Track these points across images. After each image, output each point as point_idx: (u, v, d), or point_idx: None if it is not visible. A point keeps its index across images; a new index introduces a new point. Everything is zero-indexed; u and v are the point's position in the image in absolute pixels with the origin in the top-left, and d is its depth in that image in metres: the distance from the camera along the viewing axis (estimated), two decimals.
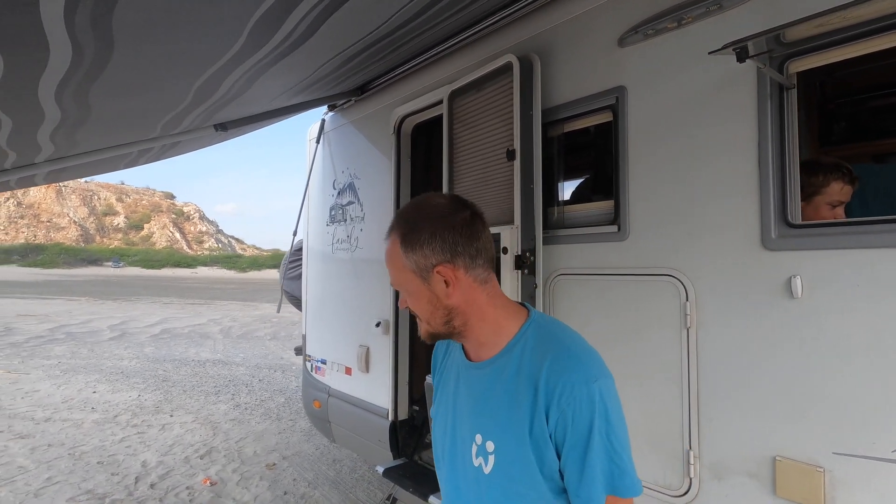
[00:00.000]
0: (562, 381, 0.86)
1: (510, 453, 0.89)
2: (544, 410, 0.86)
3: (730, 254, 1.56)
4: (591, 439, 0.84)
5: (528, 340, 0.93)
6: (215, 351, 9.87)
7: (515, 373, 0.91)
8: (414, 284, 0.94)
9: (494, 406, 0.92)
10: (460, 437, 0.98)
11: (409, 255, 0.92)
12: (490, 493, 0.92)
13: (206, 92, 1.78)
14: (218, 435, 4.97)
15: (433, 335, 0.98)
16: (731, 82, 1.58)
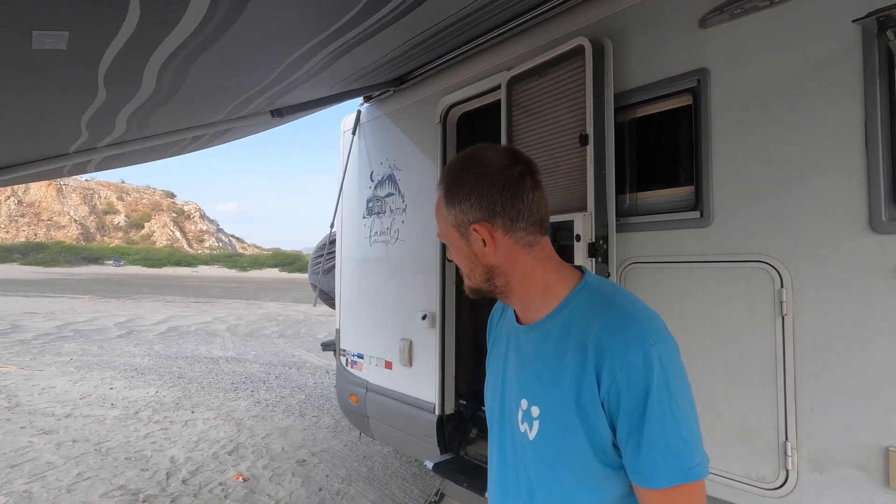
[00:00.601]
0: (614, 344, 0.78)
1: (556, 420, 0.83)
2: (595, 375, 0.79)
3: (832, 238, 1.51)
4: (647, 408, 0.75)
5: (579, 303, 0.86)
6: (226, 348, 9.81)
7: (563, 335, 0.85)
8: (454, 238, 0.92)
9: (540, 370, 0.88)
10: (508, 401, 0.95)
11: (449, 210, 0.90)
12: (535, 460, 0.87)
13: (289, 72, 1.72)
14: (242, 431, 4.92)
15: (475, 290, 0.94)
16: (832, 62, 1.52)
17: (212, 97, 1.88)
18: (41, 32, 0.95)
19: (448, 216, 0.91)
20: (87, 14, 0.95)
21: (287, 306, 18.95)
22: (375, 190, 3.51)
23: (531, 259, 0.89)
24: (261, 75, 1.73)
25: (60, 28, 0.95)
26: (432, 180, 3.03)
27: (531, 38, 2.42)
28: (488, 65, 2.67)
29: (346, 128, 3.84)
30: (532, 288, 0.90)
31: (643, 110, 2.04)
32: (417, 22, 1.74)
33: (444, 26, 2.10)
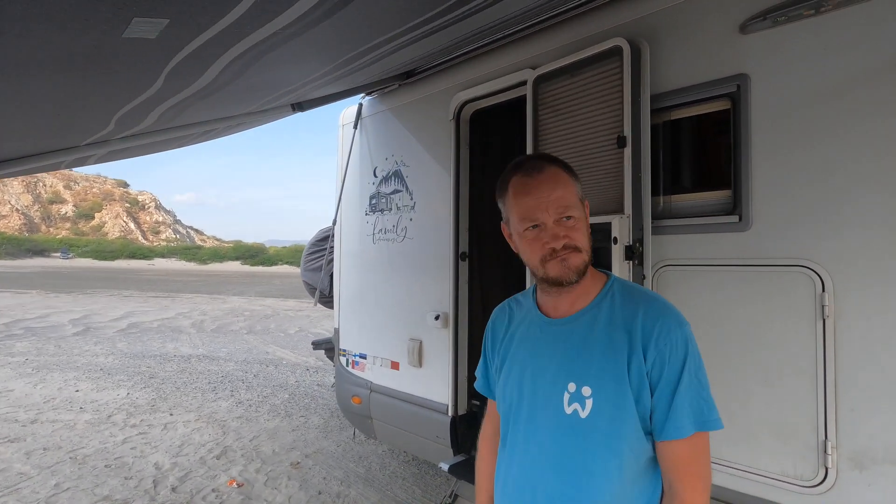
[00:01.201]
0: (658, 325, 0.95)
1: (609, 395, 0.95)
2: (642, 351, 0.95)
3: (876, 244, 1.56)
4: (682, 376, 0.93)
5: (615, 295, 1.03)
6: (195, 346, 9.43)
7: (608, 322, 1.00)
8: (581, 211, 1.02)
9: (588, 353, 0.99)
10: (542, 392, 1.03)
11: (576, 183, 1.03)
12: (591, 436, 0.96)
13: (339, 68, 1.63)
14: (228, 434, 4.73)
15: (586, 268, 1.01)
16: (879, 74, 1.57)
17: (254, 92, 1.76)
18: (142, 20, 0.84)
19: (577, 189, 1.02)
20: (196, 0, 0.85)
21: (252, 301, 18.40)
22: (379, 186, 3.41)
23: None
24: (306, 72, 1.63)
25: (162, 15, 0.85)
26: (443, 178, 2.97)
27: (558, 36, 2.39)
28: (508, 62, 2.63)
29: (345, 121, 3.72)
30: (588, 276, 1.03)
31: (678, 113, 2.05)
32: (456, 30, 1.68)
33: (469, 29, 2.04)
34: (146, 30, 0.90)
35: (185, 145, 2.88)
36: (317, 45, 1.35)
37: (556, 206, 0.98)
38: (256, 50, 1.24)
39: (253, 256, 50.57)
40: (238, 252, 53.76)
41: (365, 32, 1.38)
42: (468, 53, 2.81)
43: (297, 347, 9.27)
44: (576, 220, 0.99)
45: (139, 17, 0.84)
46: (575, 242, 0.98)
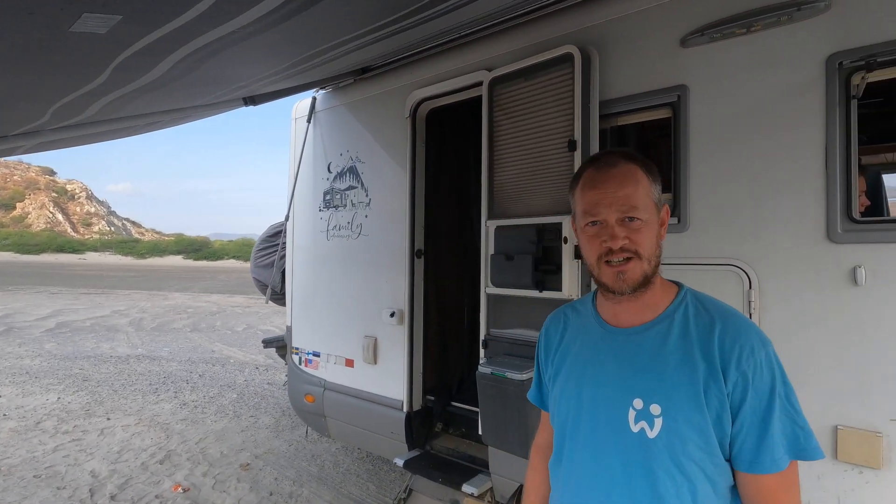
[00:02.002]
0: (739, 344, 0.86)
1: (682, 415, 0.87)
2: (721, 371, 0.86)
3: (796, 245, 1.72)
4: (772, 402, 0.84)
5: (688, 307, 0.94)
6: (133, 345, 8.94)
7: (681, 336, 0.91)
8: (652, 214, 0.93)
9: (659, 369, 0.90)
10: (604, 407, 0.95)
11: (654, 184, 0.94)
12: (657, 457, 0.88)
13: (296, 66, 1.59)
14: (172, 437, 4.54)
15: (646, 279, 0.92)
16: (799, 91, 1.72)
17: (206, 86, 1.69)
18: (92, 15, 0.79)
19: (654, 190, 0.94)
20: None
21: (196, 297, 17.61)
22: (334, 182, 3.37)
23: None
24: (261, 69, 1.59)
25: (114, 11, 0.81)
26: (399, 175, 2.98)
27: (513, 40, 2.45)
28: (464, 62, 2.67)
29: (298, 115, 3.63)
30: (657, 286, 0.95)
31: (624, 119, 2.16)
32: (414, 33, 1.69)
33: (422, 19, 2.06)
34: (96, 25, 0.86)
35: (125, 136, 2.73)
36: (274, 44, 1.33)
37: (621, 204, 0.90)
38: (212, 47, 1.20)
39: (197, 251, 48.28)
40: (180, 246, 51.12)
41: (323, 34, 1.37)
42: (425, 51, 2.82)
43: (245, 345, 8.98)
44: (642, 224, 0.91)
45: (89, 13, 0.80)
46: (635, 246, 0.90)
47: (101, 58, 1.13)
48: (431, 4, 1.41)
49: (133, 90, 1.49)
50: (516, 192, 2.32)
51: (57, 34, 0.90)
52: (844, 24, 1.64)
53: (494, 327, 2.39)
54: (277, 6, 1.00)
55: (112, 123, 2.03)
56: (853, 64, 1.62)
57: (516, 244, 2.24)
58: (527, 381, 2.03)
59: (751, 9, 1.79)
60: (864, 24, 1.60)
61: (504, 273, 2.27)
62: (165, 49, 1.15)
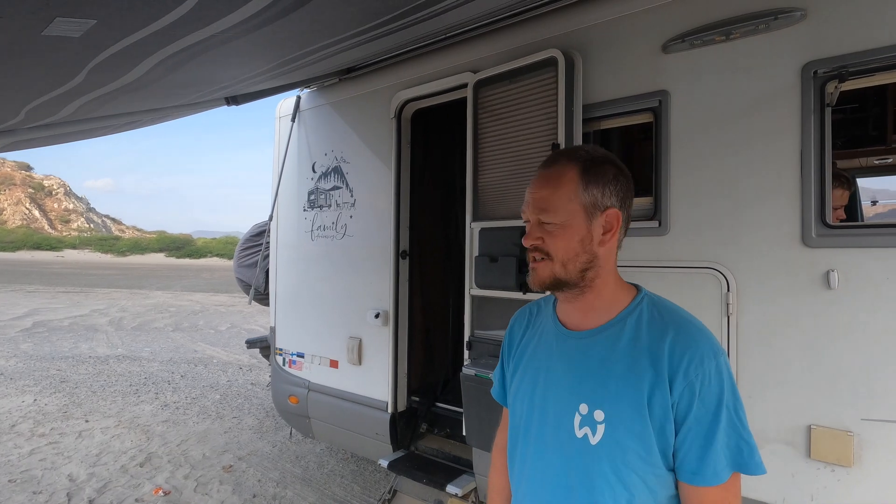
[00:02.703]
0: (689, 352, 0.84)
1: (624, 423, 0.86)
2: (667, 380, 0.84)
3: (773, 249, 1.76)
4: (719, 413, 0.83)
5: (642, 312, 0.91)
6: (113, 346, 8.77)
7: (631, 342, 0.89)
8: (574, 218, 0.89)
9: (605, 375, 0.89)
10: (553, 410, 0.94)
11: (586, 187, 0.89)
12: (597, 464, 0.87)
13: (279, 67, 1.57)
14: (153, 439, 4.47)
15: (557, 281, 0.91)
16: (776, 98, 1.76)
17: (186, 87, 1.66)
18: (64, 19, 0.77)
19: (582, 193, 0.89)
20: (129, 4, 0.79)
21: (179, 296, 17.34)
22: (318, 182, 3.35)
23: (614, 262, 0.95)
24: (244, 71, 1.57)
25: (88, 16, 0.79)
26: (384, 175, 2.97)
27: (498, 43, 2.46)
28: (449, 63, 2.67)
29: (282, 113, 3.60)
30: (605, 290, 0.93)
31: (607, 123, 2.19)
32: (400, 37, 1.69)
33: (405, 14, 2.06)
34: (69, 29, 0.84)
35: (102, 135, 2.67)
36: (257, 47, 1.31)
37: (536, 206, 0.92)
38: (192, 50, 1.19)
39: (179, 248, 47.51)
40: (162, 243, 50.26)
41: (306, 38, 1.36)
42: (410, 52, 2.82)
43: (228, 345, 8.88)
44: (555, 227, 0.90)
45: (62, 17, 0.78)
46: (546, 248, 0.90)
47: (76, 60, 1.11)
48: (416, 10, 1.41)
49: (111, 91, 1.46)
50: (501, 194, 2.33)
51: (29, 37, 0.88)
52: (819, 34, 1.68)
53: (479, 329, 2.41)
54: (257, 12, 0.99)
55: (89, 123, 1.99)
56: (827, 73, 1.66)
57: (500, 246, 2.25)
58: None
59: (730, 17, 1.83)
60: (838, 34, 1.64)
61: (488, 275, 2.28)
62: (143, 52, 1.13)
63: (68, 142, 2.51)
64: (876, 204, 4.45)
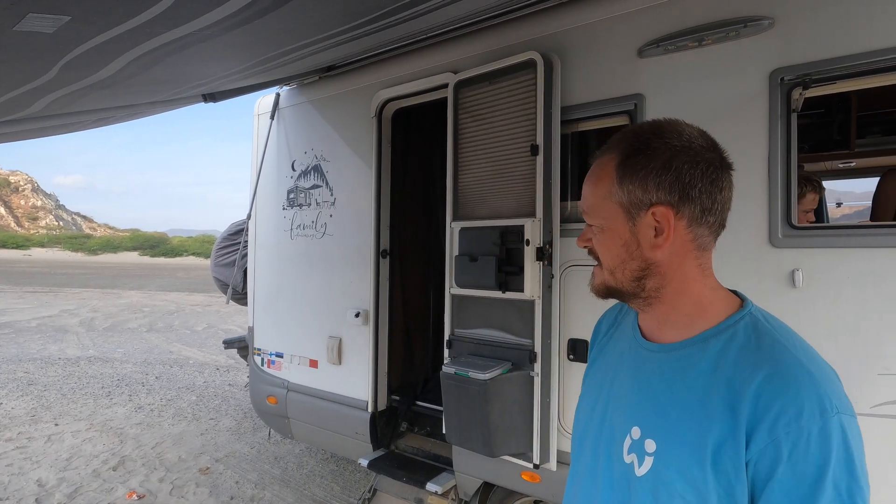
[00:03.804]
0: (782, 401, 0.63)
1: (677, 464, 0.69)
2: (745, 430, 0.65)
3: (740, 250, 1.82)
4: (819, 491, 0.60)
5: (735, 335, 0.71)
6: (84, 347, 8.53)
7: (709, 371, 0.71)
8: (614, 220, 0.75)
9: (667, 401, 0.73)
10: (610, 424, 0.82)
11: (623, 182, 0.73)
12: (641, 498, 0.73)
13: (258, 65, 1.56)
14: (126, 442, 4.37)
15: (612, 290, 0.79)
16: (746, 103, 1.82)
17: (163, 84, 1.63)
18: (37, 15, 0.76)
19: (619, 190, 0.74)
20: (103, 1, 0.78)
21: (153, 295, 16.94)
22: (298, 180, 3.32)
23: (696, 266, 0.75)
24: (222, 68, 1.55)
25: (61, 12, 0.77)
26: (365, 174, 2.97)
27: (478, 43, 2.48)
28: (430, 63, 2.68)
29: (261, 111, 3.56)
30: (684, 300, 0.75)
31: (585, 125, 2.23)
32: (381, 36, 1.69)
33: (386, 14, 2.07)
34: (42, 25, 0.82)
35: (73, 132, 2.60)
36: (235, 45, 1.30)
37: (581, 205, 0.80)
38: (168, 48, 1.17)
39: (153, 247, 46.38)
40: (136, 242, 49.00)
41: (287, 36, 1.35)
42: (391, 52, 2.82)
43: (205, 345, 8.73)
44: (597, 230, 0.78)
45: (35, 13, 0.76)
46: (595, 252, 0.79)
47: (48, 56, 1.09)
48: (396, 11, 1.42)
49: (84, 87, 1.43)
50: (480, 194, 2.35)
51: (2, 33, 0.86)
52: (785, 43, 1.74)
53: (459, 327, 2.43)
54: (235, 11, 0.99)
55: (60, 118, 1.93)
56: (792, 80, 1.73)
57: (480, 246, 2.28)
58: (489, 380, 2.07)
59: (702, 23, 1.88)
60: (803, 42, 1.71)
61: (468, 274, 2.30)
62: (118, 49, 1.11)
63: (38, 137, 2.44)
64: (841, 206, 4.63)
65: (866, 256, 1.63)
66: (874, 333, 1.61)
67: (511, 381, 2.13)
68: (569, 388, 2.17)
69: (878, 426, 1.60)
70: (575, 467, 0.90)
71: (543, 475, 2.19)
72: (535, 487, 2.25)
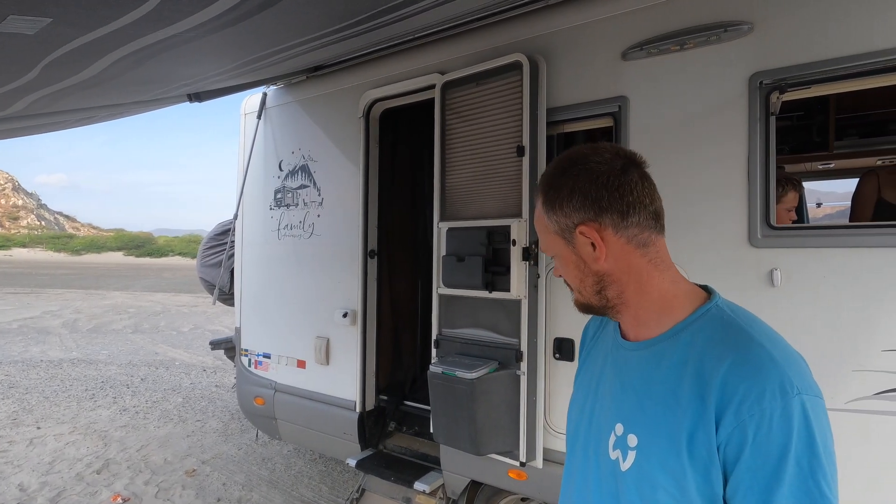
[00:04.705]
0: (747, 385, 0.67)
1: (657, 455, 0.74)
2: (714, 416, 0.69)
3: (720, 249, 1.86)
4: (781, 468, 0.64)
5: (702, 327, 0.76)
6: (67, 349, 8.40)
7: (680, 363, 0.75)
8: (559, 248, 0.84)
9: (644, 396, 0.78)
10: (597, 423, 0.86)
11: (550, 216, 0.83)
12: (627, 493, 0.77)
13: (245, 66, 1.55)
14: (111, 445, 4.32)
15: (586, 306, 0.87)
16: (726, 106, 1.86)
17: (147, 84, 1.61)
18: (18, 17, 0.75)
19: (550, 224, 0.83)
20: (86, 3, 0.77)
21: (138, 296, 16.70)
22: (285, 180, 3.31)
23: (646, 263, 0.80)
24: (207, 69, 1.54)
25: (43, 14, 0.76)
26: (352, 174, 2.97)
27: (465, 45, 2.49)
28: (417, 64, 2.69)
29: (248, 110, 3.54)
30: (647, 299, 0.81)
31: (570, 126, 2.26)
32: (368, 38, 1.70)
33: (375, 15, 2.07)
34: (23, 27, 0.81)
35: (56, 130, 2.56)
36: (221, 46, 1.30)
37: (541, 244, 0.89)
38: (153, 48, 1.16)
39: (139, 247, 45.69)
40: (120, 242, 48.22)
41: (273, 37, 1.35)
42: (378, 52, 2.82)
43: (191, 346, 8.64)
44: (558, 259, 0.86)
45: (16, 15, 0.76)
46: (566, 279, 0.87)
47: (30, 56, 1.07)
48: (383, 13, 1.43)
49: (67, 87, 1.41)
50: (467, 194, 2.37)
51: None
52: (764, 47, 1.78)
53: (446, 327, 2.44)
54: (221, 13, 0.99)
55: (42, 118, 1.90)
56: (770, 84, 1.77)
57: (467, 246, 2.29)
58: (476, 379, 2.09)
59: (684, 27, 1.92)
60: (781, 47, 1.75)
61: (455, 274, 2.32)
62: (102, 49, 1.11)
63: (18, 136, 2.40)
64: (821, 206, 4.73)
65: (842, 256, 1.67)
66: (849, 331, 1.66)
67: (498, 380, 2.15)
68: (555, 387, 2.20)
69: (852, 421, 1.65)
70: (568, 467, 0.94)
71: (530, 473, 2.22)
72: (522, 485, 2.28)
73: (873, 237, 1.65)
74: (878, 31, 1.61)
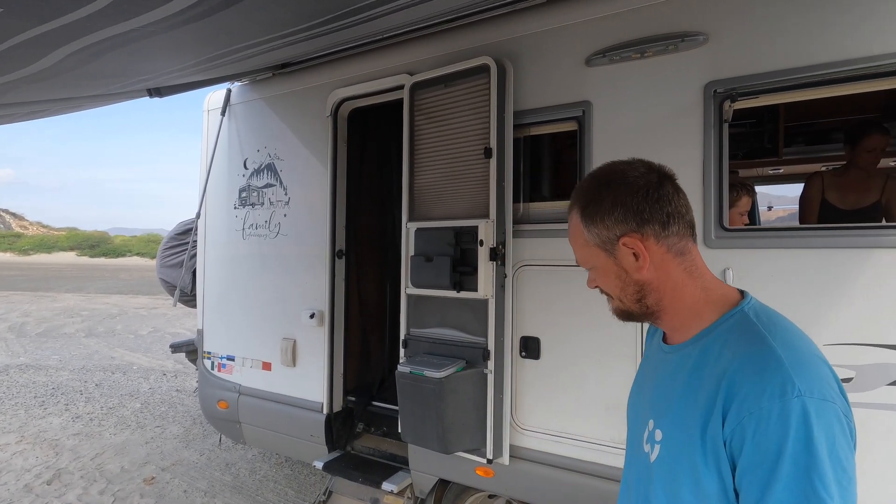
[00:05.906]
0: (750, 383, 0.71)
1: (677, 448, 0.79)
2: (721, 412, 0.73)
3: None
4: (778, 468, 0.66)
5: (724, 332, 0.81)
6: (13, 354, 7.96)
7: (700, 365, 0.80)
8: (600, 260, 0.87)
9: (671, 394, 0.84)
10: (639, 419, 0.94)
11: (590, 229, 0.86)
12: (653, 485, 0.84)
13: (208, 62, 1.50)
14: (62, 454, 4.12)
15: (626, 313, 0.91)
16: (683, 112, 1.94)
17: (104, 78, 1.54)
18: None
19: (590, 237, 0.87)
20: None
21: (92, 298, 15.95)
22: (250, 179, 3.24)
23: (682, 271, 0.85)
24: (168, 64, 1.49)
25: None
26: (320, 174, 2.94)
27: (433, 46, 2.51)
28: (386, 64, 2.69)
29: (211, 107, 3.45)
30: (681, 305, 0.86)
31: (537, 130, 2.30)
32: (335, 37, 1.69)
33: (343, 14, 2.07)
34: None
35: (3, 124, 2.43)
36: (182, 42, 1.26)
37: (575, 258, 0.93)
38: (111, 42, 1.12)
39: (93, 247, 43.61)
40: (73, 241, 45.88)
41: (237, 34, 1.33)
42: (347, 51, 2.80)
43: (150, 350, 8.32)
44: (595, 270, 0.90)
45: None
46: (604, 289, 0.91)
47: None
48: (350, 14, 1.42)
49: (16, 79, 1.34)
50: (436, 195, 2.38)
51: None
52: (718, 58, 1.87)
53: (414, 327, 2.45)
54: (183, 9, 0.97)
55: None
56: (723, 93, 1.86)
57: (435, 246, 2.31)
58: (444, 378, 2.11)
59: (644, 36, 1.99)
60: (732, 58, 1.84)
61: (423, 274, 2.33)
62: (55, 42, 1.06)
63: None
64: (772, 209, 4.98)
65: (789, 256, 1.77)
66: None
67: (465, 379, 2.17)
68: (521, 385, 2.24)
69: None
70: (625, 458, 1.01)
71: (497, 470, 2.25)
72: (489, 482, 2.31)
73: (817, 238, 1.76)
74: (819, 46, 1.71)
